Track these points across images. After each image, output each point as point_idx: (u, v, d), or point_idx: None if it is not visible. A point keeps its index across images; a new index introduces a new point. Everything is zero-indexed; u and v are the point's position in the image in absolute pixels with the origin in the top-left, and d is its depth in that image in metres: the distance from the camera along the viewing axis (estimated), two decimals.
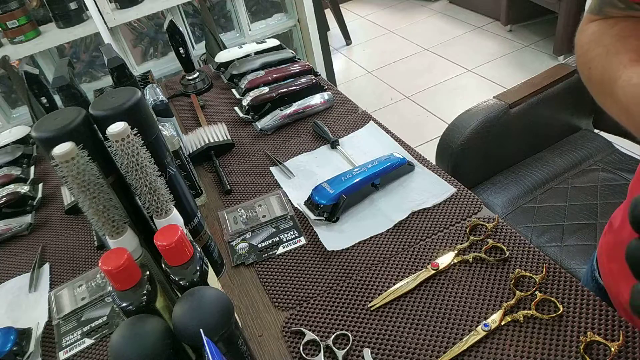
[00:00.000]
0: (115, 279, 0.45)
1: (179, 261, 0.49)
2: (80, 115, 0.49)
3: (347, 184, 0.75)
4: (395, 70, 3.03)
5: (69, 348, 0.66)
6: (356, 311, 0.61)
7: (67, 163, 0.44)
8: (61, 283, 0.77)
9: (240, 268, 0.72)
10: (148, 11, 1.84)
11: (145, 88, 0.96)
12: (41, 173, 1.09)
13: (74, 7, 1.74)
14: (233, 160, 0.96)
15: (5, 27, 1.69)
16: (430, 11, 3.71)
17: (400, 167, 0.80)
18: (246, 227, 0.78)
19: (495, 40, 3.05)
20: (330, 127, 0.97)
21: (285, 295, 0.66)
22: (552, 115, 1.25)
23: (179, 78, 1.30)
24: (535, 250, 0.63)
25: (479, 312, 0.58)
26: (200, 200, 0.86)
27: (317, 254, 0.70)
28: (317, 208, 0.75)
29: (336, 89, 1.13)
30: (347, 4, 4.14)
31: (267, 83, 1.08)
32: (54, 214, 0.95)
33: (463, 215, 0.71)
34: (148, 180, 0.49)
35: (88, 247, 0.84)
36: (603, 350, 0.51)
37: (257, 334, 0.62)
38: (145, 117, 0.54)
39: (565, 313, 0.55)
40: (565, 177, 1.17)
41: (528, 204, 1.13)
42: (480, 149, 1.17)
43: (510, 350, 0.53)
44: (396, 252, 0.68)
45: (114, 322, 0.67)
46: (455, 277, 0.63)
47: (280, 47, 1.28)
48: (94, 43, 1.99)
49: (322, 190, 0.76)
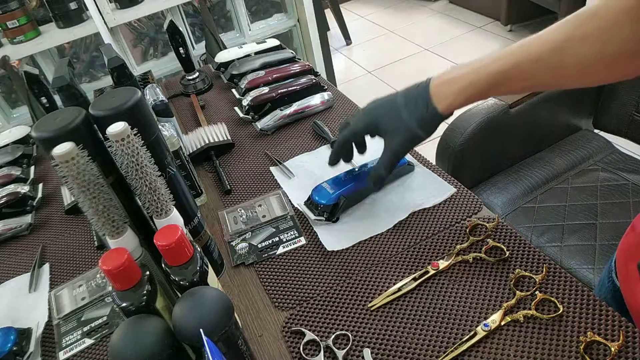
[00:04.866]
0: (115, 279, 0.45)
1: (179, 261, 0.49)
2: (80, 115, 0.49)
3: (347, 184, 0.75)
4: (395, 70, 3.03)
5: (69, 348, 0.66)
6: (356, 311, 0.61)
7: (67, 163, 0.44)
8: (61, 283, 0.77)
9: (240, 268, 0.72)
10: (148, 11, 1.84)
11: (145, 88, 0.96)
12: (41, 173, 1.09)
13: (74, 7, 1.74)
14: (233, 160, 0.96)
15: (5, 27, 1.69)
16: (430, 11, 3.71)
17: (400, 167, 0.79)
18: (246, 227, 0.78)
19: (495, 40, 3.05)
20: (330, 127, 0.97)
21: (285, 295, 0.66)
22: (552, 115, 1.25)
23: (179, 78, 1.30)
24: (535, 250, 0.63)
25: (479, 312, 0.58)
26: (200, 200, 0.86)
27: (317, 254, 0.70)
28: (317, 208, 0.75)
29: (336, 89, 1.13)
30: (347, 4, 4.14)
31: (267, 83, 1.08)
32: (54, 214, 0.95)
33: (463, 215, 0.71)
34: (148, 180, 0.49)
35: (88, 247, 0.84)
36: (603, 350, 0.51)
37: (257, 334, 0.62)
38: (145, 117, 0.54)
39: (565, 313, 0.55)
40: (565, 177, 1.17)
41: (528, 204, 1.13)
42: (480, 149, 1.17)
43: (510, 350, 0.53)
44: (396, 252, 0.68)
45: (114, 322, 0.67)
46: (455, 277, 0.63)
47: (280, 47, 1.28)
48: (94, 43, 1.99)
49: (322, 190, 0.76)
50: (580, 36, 0.49)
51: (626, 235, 0.64)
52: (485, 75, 0.56)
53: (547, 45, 0.52)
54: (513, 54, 0.55)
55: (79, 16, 1.78)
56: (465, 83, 0.58)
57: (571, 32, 0.50)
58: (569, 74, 0.52)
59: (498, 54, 0.56)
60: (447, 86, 0.60)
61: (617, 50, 0.47)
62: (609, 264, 0.69)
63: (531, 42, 0.53)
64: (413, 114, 0.62)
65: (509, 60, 0.55)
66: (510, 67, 0.55)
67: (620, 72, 0.51)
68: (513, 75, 0.55)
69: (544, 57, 0.52)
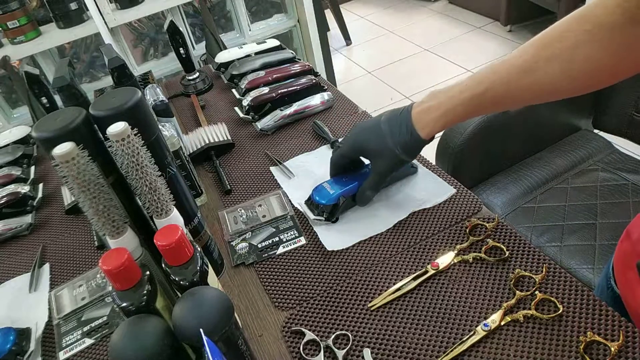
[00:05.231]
0: (115, 279, 0.45)
1: (179, 261, 0.49)
2: (81, 116, 0.49)
3: (348, 185, 0.75)
4: (395, 70, 3.03)
5: (69, 348, 0.66)
6: (356, 311, 0.61)
7: (67, 163, 0.44)
8: (61, 283, 0.77)
9: (240, 268, 0.72)
10: (148, 11, 1.84)
11: (145, 88, 0.96)
12: (41, 173, 1.09)
13: (74, 7, 1.74)
14: (233, 160, 0.96)
15: (5, 27, 1.69)
16: (430, 11, 3.71)
17: (403, 169, 0.79)
18: (246, 227, 0.78)
19: (495, 40, 3.05)
20: (330, 127, 0.97)
21: (285, 295, 0.66)
22: (552, 115, 1.25)
23: (179, 78, 1.30)
24: (535, 250, 0.63)
25: (479, 312, 0.58)
26: (200, 200, 0.86)
27: (317, 254, 0.71)
28: (317, 208, 0.75)
29: (336, 89, 1.13)
30: (347, 4, 4.14)
31: (267, 83, 1.08)
32: (54, 214, 0.95)
33: (463, 215, 0.71)
34: (148, 180, 0.49)
35: (88, 247, 0.84)
36: (603, 350, 0.51)
37: (257, 334, 0.62)
38: (146, 117, 0.54)
39: (565, 313, 0.55)
40: (565, 177, 1.17)
41: (528, 204, 1.13)
42: (480, 149, 1.17)
43: (510, 350, 0.53)
44: (396, 252, 0.68)
45: (114, 322, 0.67)
46: (455, 277, 0.63)
47: (280, 47, 1.28)
48: (95, 43, 1.99)
49: (322, 190, 0.76)
50: (547, 57, 0.52)
51: (621, 242, 0.65)
52: (460, 102, 0.60)
53: (515, 68, 0.55)
54: (483, 80, 0.58)
55: (79, 16, 1.78)
56: (442, 111, 0.62)
57: (538, 53, 0.53)
58: (543, 92, 0.55)
59: (472, 79, 0.59)
60: (426, 114, 0.64)
61: (584, 67, 0.50)
62: (607, 270, 0.69)
63: (500, 66, 0.56)
64: (397, 140, 0.66)
65: (480, 86, 0.58)
66: (483, 92, 0.58)
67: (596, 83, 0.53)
68: (487, 99, 0.58)
69: (513, 79, 0.55)
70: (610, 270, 0.67)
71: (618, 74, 0.51)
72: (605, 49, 0.48)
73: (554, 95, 0.56)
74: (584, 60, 0.50)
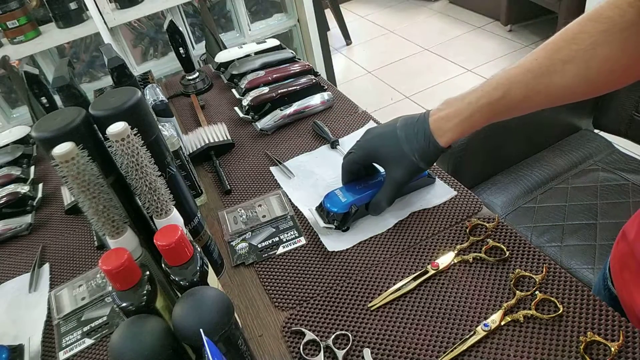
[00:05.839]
0: (115, 279, 0.45)
1: (179, 261, 0.49)
2: (80, 115, 0.49)
3: (361, 193, 0.73)
4: (395, 70, 3.03)
5: (69, 348, 0.66)
6: (356, 311, 0.61)
7: (67, 163, 0.44)
8: (61, 283, 0.77)
9: (240, 268, 0.72)
10: (148, 11, 1.85)
11: (145, 88, 0.96)
12: (41, 173, 1.09)
13: (74, 7, 1.74)
14: (233, 160, 0.96)
15: (5, 27, 1.69)
16: (430, 11, 3.71)
17: (421, 179, 0.77)
18: (246, 227, 0.78)
19: (495, 40, 3.05)
20: (330, 127, 0.97)
21: (285, 295, 0.66)
22: (552, 115, 1.25)
23: (179, 78, 1.30)
24: (535, 250, 0.63)
25: (479, 312, 0.58)
26: (200, 200, 0.86)
27: (317, 254, 0.70)
28: (328, 215, 0.73)
29: (336, 89, 1.13)
30: (347, 4, 4.14)
31: (267, 83, 1.08)
32: (54, 214, 0.95)
33: (463, 215, 0.71)
34: (148, 180, 0.49)
35: (88, 247, 0.84)
36: (603, 350, 0.51)
37: (257, 334, 0.62)
38: (145, 117, 0.54)
39: (565, 313, 0.55)
40: (565, 177, 1.17)
41: (528, 204, 1.13)
42: (480, 149, 1.17)
43: (510, 350, 0.53)
44: (396, 252, 0.68)
45: (114, 322, 0.67)
46: (455, 277, 0.63)
47: (280, 47, 1.28)
48: (94, 43, 1.99)
49: (334, 198, 0.73)
50: (563, 59, 0.52)
51: (617, 243, 0.65)
52: (478, 109, 0.60)
53: (530, 72, 0.55)
54: (499, 86, 0.58)
55: (79, 16, 1.78)
56: (460, 119, 0.62)
57: (553, 57, 0.53)
58: (559, 95, 0.56)
59: (488, 85, 0.59)
60: (444, 122, 0.63)
61: (601, 68, 0.50)
62: (603, 271, 0.69)
63: (515, 71, 0.56)
64: (414, 147, 0.65)
65: (496, 92, 0.58)
66: (499, 97, 0.58)
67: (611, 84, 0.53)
68: (504, 104, 0.58)
69: (530, 84, 0.55)
70: (607, 270, 0.67)
71: (634, 74, 0.51)
72: (622, 50, 0.48)
73: (569, 97, 0.56)
74: (601, 61, 0.50)
